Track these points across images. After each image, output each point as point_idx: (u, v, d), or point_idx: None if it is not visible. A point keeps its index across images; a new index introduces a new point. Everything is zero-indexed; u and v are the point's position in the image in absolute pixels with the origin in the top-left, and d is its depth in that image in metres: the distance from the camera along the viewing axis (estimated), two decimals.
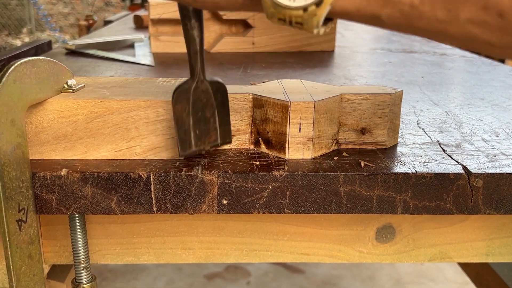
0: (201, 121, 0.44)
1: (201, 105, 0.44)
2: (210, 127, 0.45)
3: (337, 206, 0.44)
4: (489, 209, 0.45)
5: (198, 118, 0.44)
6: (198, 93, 0.44)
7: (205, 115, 0.44)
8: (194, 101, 0.44)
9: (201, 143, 0.44)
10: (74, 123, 0.44)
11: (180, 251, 0.55)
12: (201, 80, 0.44)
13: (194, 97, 0.44)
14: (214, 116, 0.45)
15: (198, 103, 0.44)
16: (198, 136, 0.44)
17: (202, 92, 0.44)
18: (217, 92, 0.45)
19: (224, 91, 0.45)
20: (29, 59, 0.40)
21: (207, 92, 0.44)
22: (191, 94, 0.43)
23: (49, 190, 0.42)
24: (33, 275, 0.42)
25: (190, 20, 0.42)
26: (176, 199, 0.43)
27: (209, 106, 0.44)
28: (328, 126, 0.47)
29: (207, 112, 0.44)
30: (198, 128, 0.44)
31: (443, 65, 1.00)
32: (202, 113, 0.44)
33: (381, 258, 0.57)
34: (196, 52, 0.43)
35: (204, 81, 0.44)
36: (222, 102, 0.45)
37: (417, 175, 0.43)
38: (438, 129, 0.56)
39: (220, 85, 0.45)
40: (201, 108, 0.44)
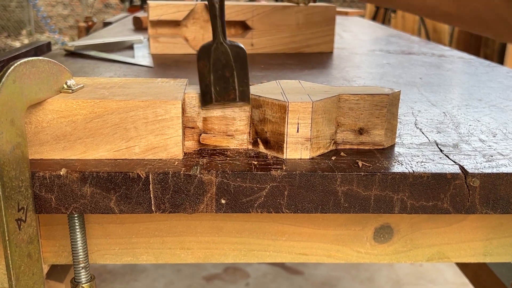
0: (221, 79, 0.48)
1: (221, 65, 0.48)
2: (229, 86, 0.48)
3: (335, 206, 0.44)
4: (486, 209, 0.45)
5: (218, 76, 0.48)
6: (218, 54, 0.48)
7: (225, 74, 0.48)
8: (214, 60, 0.48)
9: (221, 99, 0.48)
10: (73, 123, 0.44)
11: (179, 251, 0.56)
12: (220, 42, 0.48)
13: (214, 56, 0.48)
14: (233, 76, 0.48)
15: (218, 62, 0.48)
16: (218, 92, 0.48)
17: (222, 53, 0.48)
18: (236, 55, 0.48)
19: (243, 55, 0.48)
20: (29, 59, 0.40)
21: (226, 54, 0.48)
22: (212, 53, 0.48)
23: (49, 189, 0.43)
24: (32, 274, 0.42)
25: None
26: (174, 199, 0.44)
27: (228, 67, 0.48)
28: (326, 126, 0.48)
29: (227, 72, 0.48)
30: (218, 85, 0.48)
31: (441, 66, 1.01)
32: (222, 72, 0.48)
33: (379, 258, 0.57)
34: (216, 16, 0.47)
35: (224, 43, 0.48)
36: (241, 65, 0.48)
37: (414, 175, 0.44)
38: (435, 129, 0.57)
39: (240, 49, 0.49)
40: (220, 68, 0.48)
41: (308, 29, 1.11)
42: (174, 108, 0.45)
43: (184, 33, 1.06)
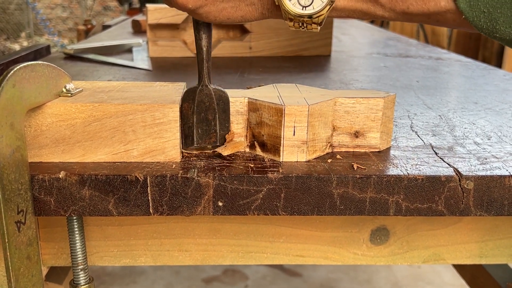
0: (204, 121, 0.49)
1: (204, 107, 0.49)
2: (211, 129, 0.49)
3: (330, 208, 0.45)
4: (480, 211, 0.45)
5: (201, 118, 0.49)
6: (202, 96, 0.49)
7: (207, 117, 0.49)
8: (198, 102, 0.49)
9: (202, 142, 0.49)
10: (72, 126, 0.45)
11: (177, 253, 0.56)
12: (205, 85, 0.49)
13: (198, 98, 0.49)
14: (215, 119, 0.49)
15: (201, 104, 0.49)
16: (200, 135, 0.49)
17: (206, 95, 0.49)
18: (219, 99, 0.49)
19: (226, 99, 0.49)
20: (28, 63, 0.41)
21: (210, 97, 0.49)
22: (197, 95, 0.49)
23: (48, 192, 0.43)
24: (31, 276, 0.42)
25: (199, 32, 0.49)
26: (172, 201, 0.44)
27: (211, 110, 0.49)
28: (322, 130, 0.48)
29: (209, 115, 0.49)
30: (201, 128, 0.49)
31: (438, 69, 1.01)
32: (205, 115, 0.49)
33: (375, 260, 0.57)
34: (202, 60, 0.49)
35: (209, 86, 0.49)
36: (223, 109, 0.49)
37: (409, 178, 0.44)
38: (431, 132, 0.57)
39: (223, 93, 0.50)
40: (204, 110, 0.49)
41: (306, 33, 1.11)
42: (172, 111, 0.45)
43: (182, 36, 1.07)
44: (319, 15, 0.45)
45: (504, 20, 0.41)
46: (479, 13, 0.42)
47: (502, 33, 0.42)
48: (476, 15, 0.42)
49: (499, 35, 0.42)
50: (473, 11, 0.42)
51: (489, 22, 0.42)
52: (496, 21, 0.41)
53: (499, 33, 0.42)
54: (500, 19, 0.41)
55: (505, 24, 0.41)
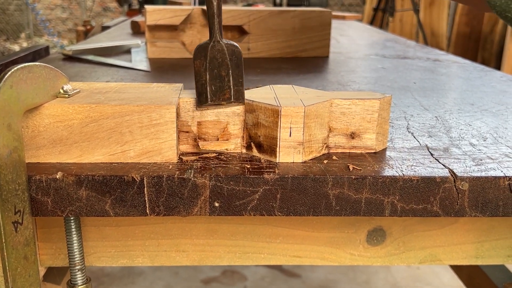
0: (217, 78, 0.49)
1: (217, 63, 0.48)
2: (225, 85, 0.49)
3: (326, 209, 0.45)
4: (475, 212, 0.46)
5: (214, 75, 0.49)
6: (214, 52, 0.48)
7: (221, 73, 0.49)
8: (210, 59, 0.48)
9: (216, 99, 0.49)
10: (69, 127, 0.45)
11: (174, 254, 0.56)
12: (217, 40, 0.49)
13: (210, 55, 0.48)
14: (228, 75, 0.49)
15: (214, 61, 0.48)
16: (213, 92, 0.49)
17: (218, 51, 0.49)
18: (232, 54, 0.49)
19: (239, 54, 0.49)
20: (26, 65, 0.41)
21: (222, 52, 0.49)
22: (208, 52, 0.48)
23: (45, 192, 0.43)
24: (28, 276, 0.43)
25: None
26: (169, 202, 0.44)
27: (224, 66, 0.49)
28: (318, 131, 0.48)
29: (222, 71, 0.49)
30: (214, 84, 0.49)
31: (435, 71, 1.02)
32: (218, 71, 0.49)
33: (372, 261, 0.57)
34: (213, 15, 0.48)
35: (221, 42, 0.49)
36: (236, 64, 0.49)
37: (404, 179, 0.44)
38: (427, 133, 0.58)
39: (236, 48, 0.49)
40: (216, 66, 0.48)
41: (304, 34, 1.12)
42: (169, 112, 0.45)
43: (181, 37, 1.07)
44: None
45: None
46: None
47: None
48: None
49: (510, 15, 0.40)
50: None
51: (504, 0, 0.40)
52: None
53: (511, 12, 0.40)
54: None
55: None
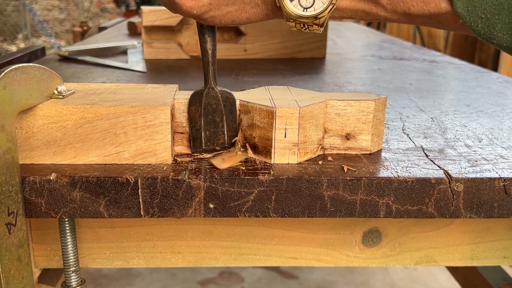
0: (211, 123, 0.49)
1: (211, 109, 0.49)
2: (219, 131, 0.50)
3: (321, 210, 0.45)
4: (470, 213, 0.46)
5: (209, 120, 0.49)
6: (209, 98, 0.49)
7: (215, 119, 0.49)
8: (205, 105, 0.49)
9: (210, 144, 0.50)
10: (63, 128, 0.45)
11: (170, 255, 0.56)
12: (212, 87, 0.50)
13: (205, 101, 0.49)
14: (222, 121, 0.49)
15: (208, 107, 0.49)
16: (208, 137, 0.49)
17: (213, 98, 0.49)
18: (226, 100, 0.50)
19: (233, 100, 0.50)
20: (19, 66, 0.41)
21: (217, 99, 0.49)
22: (203, 98, 0.49)
23: (39, 194, 0.43)
24: (22, 278, 0.42)
25: (204, 35, 0.49)
26: (163, 203, 0.44)
27: (218, 111, 0.49)
28: (313, 132, 0.48)
29: (217, 117, 0.49)
30: (208, 130, 0.49)
31: (432, 72, 1.02)
32: (212, 117, 0.49)
33: (367, 262, 0.57)
34: (208, 63, 0.50)
35: (215, 89, 0.50)
36: (230, 110, 0.50)
37: (399, 180, 0.44)
38: (422, 134, 0.58)
39: (230, 95, 0.50)
40: (211, 112, 0.49)
41: (301, 35, 1.12)
42: (163, 113, 0.45)
43: (177, 38, 1.07)
44: (320, 16, 0.45)
45: (501, 26, 0.41)
46: (477, 19, 0.41)
47: (500, 39, 0.42)
48: (474, 20, 0.42)
49: (496, 41, 0.42)
50: (471, 16, 0.42)
51: (486, 28, 0.41)
52: (494, 27, 0.41)
53: (497, 40, 0.42)
54: (497, 25, 0.41)
55: (502, 31, 0.41)
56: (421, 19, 0.45)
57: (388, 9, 0.44)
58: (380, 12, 0.45)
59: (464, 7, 0.41)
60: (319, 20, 0.45)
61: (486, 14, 0.41)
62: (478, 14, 0.41)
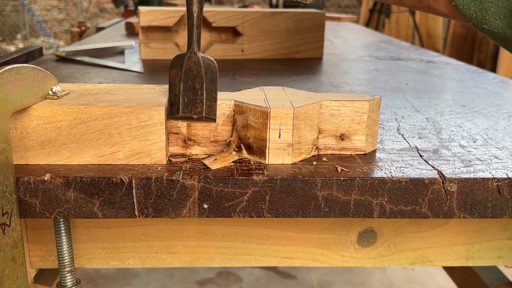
0: (190, 90, 0.48)
1: (192, 75, 0.48)
2: (197, 99, 0.48)
3: (315, 210, 0.45)
4: (464, 213, 0.46)
5: (188, 86, 0.48)
6: (190, 63, 0.48)
7: (194, 85, 0.48)
8: (186, 70, 0.48)
9: (188, 111, 0.48)
10: (58, 129, 0.45)
11: (165, 255, 0.56)
12: (194, 52, 0.48)
13: (186, 65, 0.48)
14: (202, 89, 0.48)
15: (189, 72, 0.48)
16: (185, 104, 0.48)
17: (194, 63, 0.48)
18: (208, 68, 0.49)
19: (214, 68, 0.49)
20: (13, 66, 0.41)
21: (198, 65, 0.48)
22: (185, 62, 0.48)
23: (33, 194, 0.43)
24: (16, 278, 0.42)
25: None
26: (157, 204, 0.44)
27: (198, 78, 0.48)
28: (307, 132, 0.48)
29: (196, 84, 0.48)
30: (187, 96, 0.48)
31: (428, 72, 1.02)
32: (192, 83, 0.48)
33: (363, 262, 0.58)
34: (192, 26, 0.48)
35: (198, 54, 0.48)
36: (211, 78, 0.49)
37: (392, 180, 0.44)
38: (417, 135, 0.58)
39: (212, 62, 0.49)
40: (191, 78, 0.48)
41: (298, 35, 1.12)
42: (158, 114, 0.45)
43: (174, 38, 1.07)
44: None
45: (494, 10, 0.40)
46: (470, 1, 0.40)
47: (491, 24, 0.41)
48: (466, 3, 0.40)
49: (487, 27, 0.41)
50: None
51: (478, 11, 0.40)
52: (486, 11, 0.40)
53: (488, 24, 0.41)
54: (490, 9, 0.40)
55: (494, 15, 0.40)
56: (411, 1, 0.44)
57: None
58: None
59: None
60: None
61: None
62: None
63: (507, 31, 0.41)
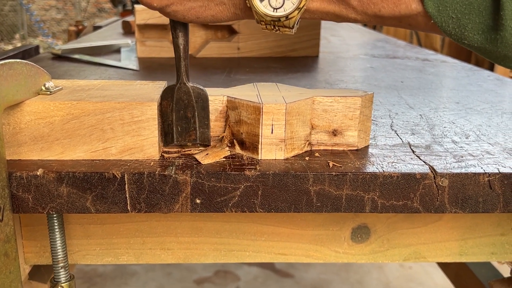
0: (183, 119, 0.49)
1: (183, 105, 0.49)
2: (190, 127, 0.49)
3: (307, 205, 0.45)
4: (455, 208, 0.46)
5: (180, 116, 0.49)
6: (180, 94, 0.49)
7: (186, 114, 0.49)
8: (177, 100, 0.49)
9: (182, 139, 0.49)
10: (50, 124, 0.45)
11: (159, 252, 0.56)
12: (183, 82, 0.50)
13: (177, 96, 0.49)
14: (194, 117, 0.49)
15: (180, 102, 0.49)
16: (179, 132, 0.49)
17: (184, 93, 0.49)
18: (198, 96, 0.50)
19: (205, 97, 0.50)
20: (5, 62, 0.41)
21: (188, 94, 0.49)
22: (175, 93, 0.49)
23: (26, 189, 0.43)
24: (9, 273, 0.43)
25: (175, 30, 0.50)
26: (150, 199, 0.44)
27: (190, 107, 0.49)
28: (300, 128, 0.49)
29: (188, 112, 0.49)
30: (180, 125, 0.49)
31: (423, 70, 1.02)
32: (184, 112, 0.49)
33: (356, 258, 0.58)
34: (180, 58, 0.50)
35: (187, 84, 0.50)
36: (202, 106, 0.50)
37: (384, 175, 0.45)
38: (410, 131, 0.58)
39: (201, 91, 0.50)
40: (183, 107, 0.49)
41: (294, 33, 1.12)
42: (150, 109, 0.46)
43: (170, 37, 1.07)
44: (290, 17, 0.45)
45: (472, 26, 0.41)
46: (448, 19, 0.41)
47: (471, 39, 0.42)
48: (445, 20, 0.42)
49: (467, 42, 0.42)
50: (442, 16, 0.42)
51: (457, 28, 0.42)
52: (465, 27, 0.41)
53: (468, 40, 0.42)
54: (468, 25, 0.41)
55: (473, 31, 0.41)
56: (392, 21, 0.44)
57: (359, 11, 0.44)
58: (351, 14, 0.44)
59: (435, 7, 0.41)
60: (289, 22, 0.45)
61: (456, 14, 0.41)
62: (449, 14, 0.41)
63: (486, 45, 0.41)
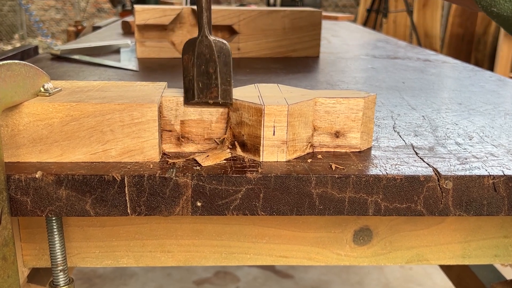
0: (204, 74, 0.48)
1: (205, 59, 0.47)
2: (212, 83, 0.48)
3: (310, 208, 0.45)
4: (459, 211, 0.45)
5: (202, 71, 0.48)
6: (202, 47, 0.48)
7: (208, 70, 0.48)
8: (198, 54, 0.47)
9: (203, 96, 0.48)
10: (49, 126, 0.44)
11: (159, 254, 0.56)
12: (205, 35, 0.48)
13: (198, 50, 0.47)
14: (216, 73, 0.48)
15: (201, 56, 0.48)
16: (200, 89, 0.47)
17: (206, 47, 0.48)
18: (220, 51, 0.48)
19: (227, 51, 0.48)
20: (4, 63, 0.40)
21: (210, 48, 0.48)
22: (196, 47, 0.47)
23: (24, 192, 0.43)
24: (7, 277, 0.42)
25: None
26: (150, 202, 0.44)
27: (212, 62, 0.48)
28: (302, 130, 0.48)
29: (210, 68, 0.48)
30: (201, 81, 0.47)
31: (425, 70, 1.02)
32: (205, 67, 0.48)
33: (358, 261, 0.57)
34: (202, 10, 0.47)
35: (209, 37, 0.48)
36: (224, 61, 0.48)
37: (387, 177, 0.44)
38: (413, 132, 0.57)
39: (224, 45, 0.48)
40: (204, 62, 0.47)
41: (294, 34, 1.11)
42: (150, 111, 0.45)
43: (170, 37, 1.07)
44: None
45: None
46: None
47: (501, 7, 0.39)
48: None
49: (496, 9, 0.39)
50: None
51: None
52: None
53: (497, 7, 0.39)
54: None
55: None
56: None
57: None
58: None
59: None
60: None
61: None
62: None
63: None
